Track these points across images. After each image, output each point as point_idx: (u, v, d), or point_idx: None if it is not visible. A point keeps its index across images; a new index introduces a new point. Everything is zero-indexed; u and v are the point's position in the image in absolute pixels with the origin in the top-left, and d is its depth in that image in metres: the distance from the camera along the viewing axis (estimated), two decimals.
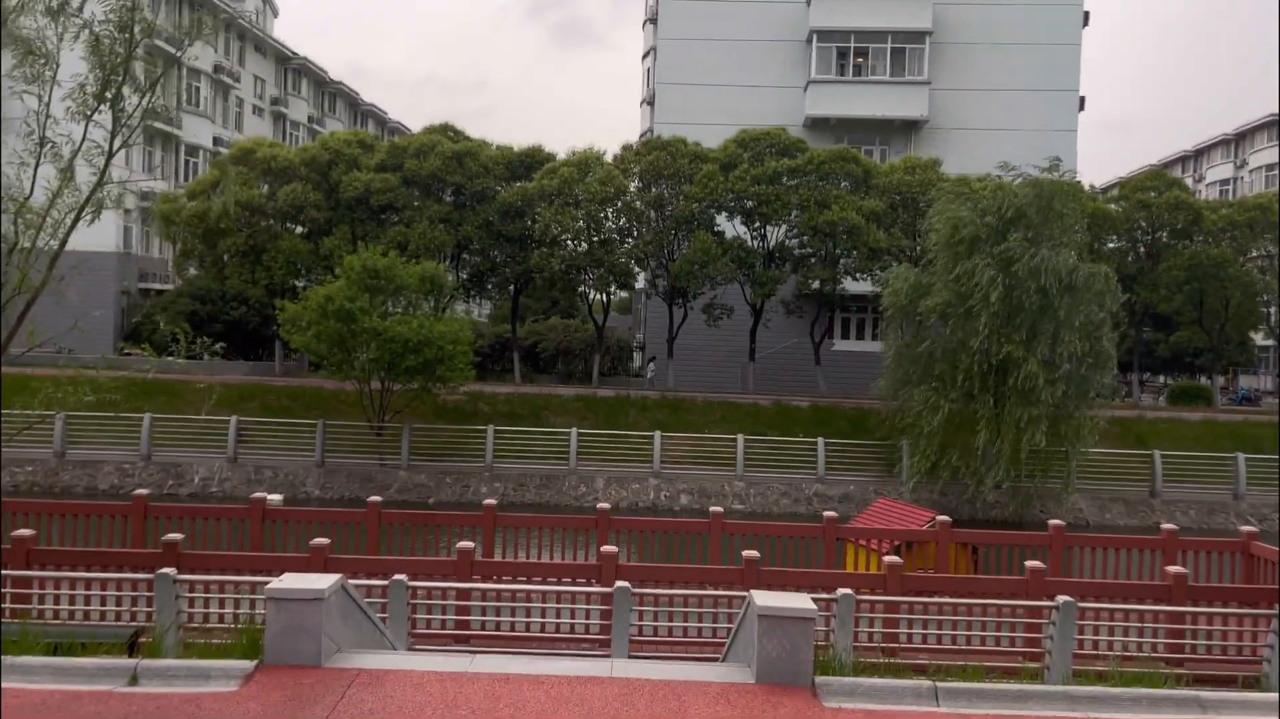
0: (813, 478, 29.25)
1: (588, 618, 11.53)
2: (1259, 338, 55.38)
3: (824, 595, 10.51)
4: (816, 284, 35.35)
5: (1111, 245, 37.51)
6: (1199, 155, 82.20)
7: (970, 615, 11.08)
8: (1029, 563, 12.17)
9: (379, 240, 32.65)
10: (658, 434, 29.73)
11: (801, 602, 7.75)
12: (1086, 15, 43.04)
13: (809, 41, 42.23)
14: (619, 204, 35.13)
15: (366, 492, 25.85)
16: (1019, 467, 26.50)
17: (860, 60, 42.73)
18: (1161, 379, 58.26)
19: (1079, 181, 32.73)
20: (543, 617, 11.53)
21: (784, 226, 34.80)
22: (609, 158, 36.23)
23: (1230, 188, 74.99)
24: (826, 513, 15.79)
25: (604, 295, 40.12)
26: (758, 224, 34.94)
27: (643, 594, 10.84)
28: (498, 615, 11.49)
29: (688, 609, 11.22)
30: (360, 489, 27.59)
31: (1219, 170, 78.14)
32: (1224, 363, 44.98)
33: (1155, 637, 11.38)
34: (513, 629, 11.53)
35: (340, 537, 14.63)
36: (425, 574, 11.73)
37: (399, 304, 29.10)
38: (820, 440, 29.53)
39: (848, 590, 10.43)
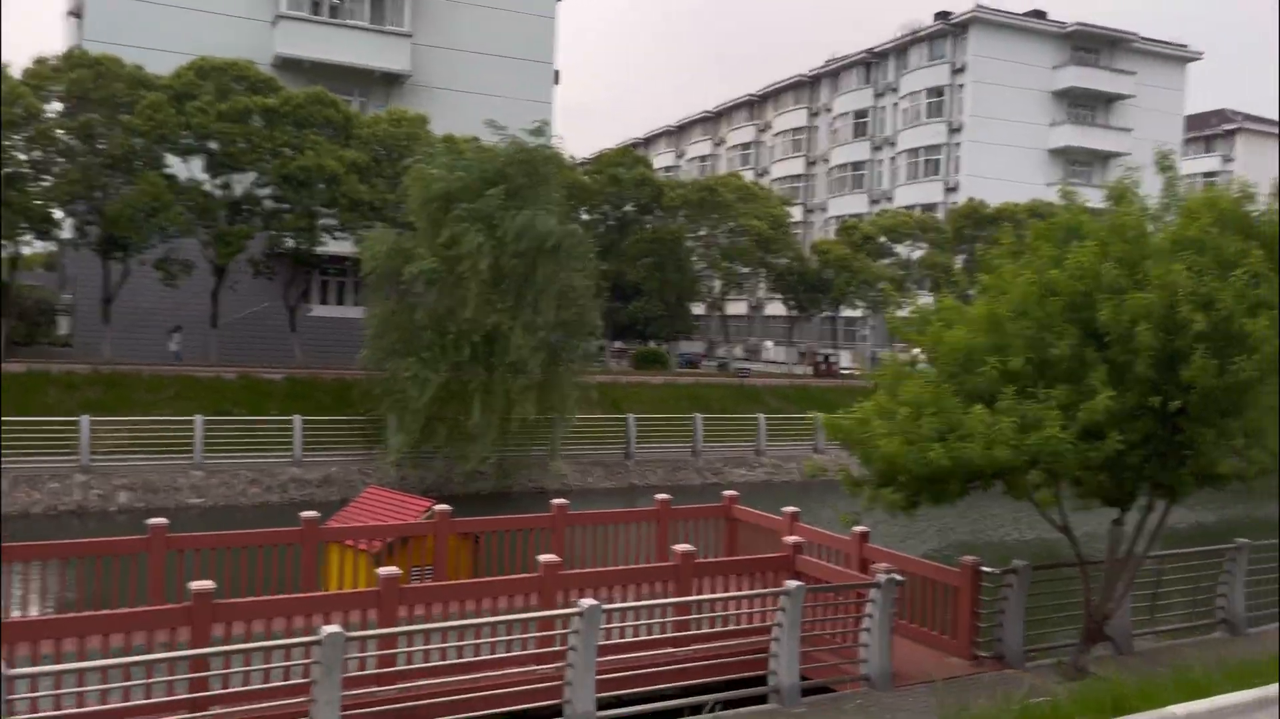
0: (289, 461, 25.89)
1: None
2: (696, 308, 62.65)
3: (304, 639, 8.04)
4: (291, 241, 31.60)
5: (586, 217, 38.99)
6: (680, 131, 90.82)
7: (479, 638, 9.35)
8: (543, 557, 10.80)
9: None
10: (85, 418, 24.05)
11: None
12: None
13: None
14: (30, 130, 27.97)
15: None
16: (508, 438, 25.88)
17: (338, 1, 39.27)
18: (619, 344, 63.49)
19: (558, 150, 33.16)
20: None
21: (254, 174, 30.38)
22: (16, 72, 28.64)
23: (709, 163, 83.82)
24: (305, 513, 13.06)
25: (13, 245, 32.07)
26: (222, 169, 30.09)
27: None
28: None
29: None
30: None
31: (698, 147, 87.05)
32: (673, 330, 49.71)
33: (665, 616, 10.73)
34: None
35: None
36: None
37: None
38: (297, 418, 26.23)
39: (335, 628, 8.05)
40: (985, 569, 11.40)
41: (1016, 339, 10.42)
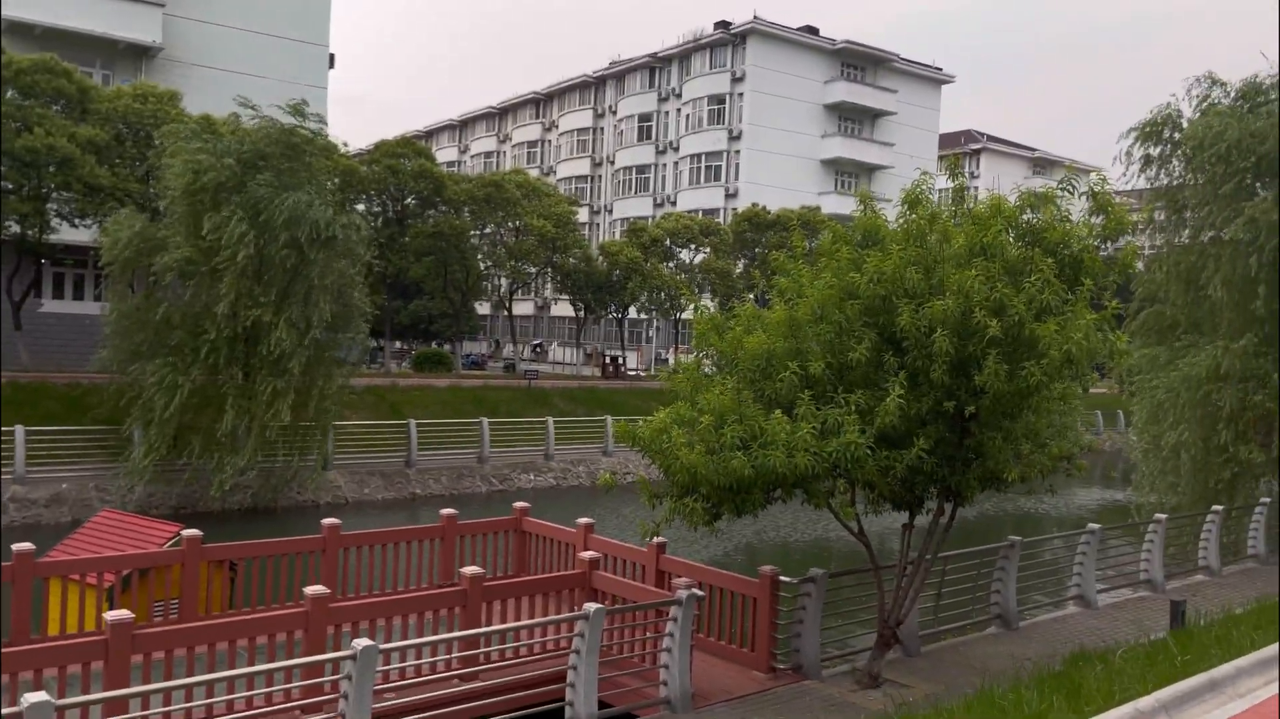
0: (9, 477, 22.53)
1: None
2: (481, 308, 61.15)
3: None
4: (16, 227, 27.71)
5: (363, 208, 36.80)
6: (464, 126, 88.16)
7: (232, 692, 8.00)
8: (310, 589, 9.50)
9: None
10: None
11: None
12: None
13: None
14: None
15: None
16: (269, 448, 23.70)
17: None
18: (399, 345, 60.91)
19: (329, 136, 30.98)
20: None
21: None
22: None
23: (494, 160, 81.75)
24: (17, 546, 10.99)
25: None
26: None
27: None
28: None
29: None
30: None
31: (482, 143, 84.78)
32: (458, 330, 48.13)
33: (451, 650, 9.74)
34: None
35: None
36: None
37: None
38: (19, 428, 22.87)
39: (40, 697, 6.52)
40: (784, 579, 11.13)
41: (816, 343, 10.19)
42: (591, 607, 9.21)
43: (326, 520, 12.94)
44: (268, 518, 23.75)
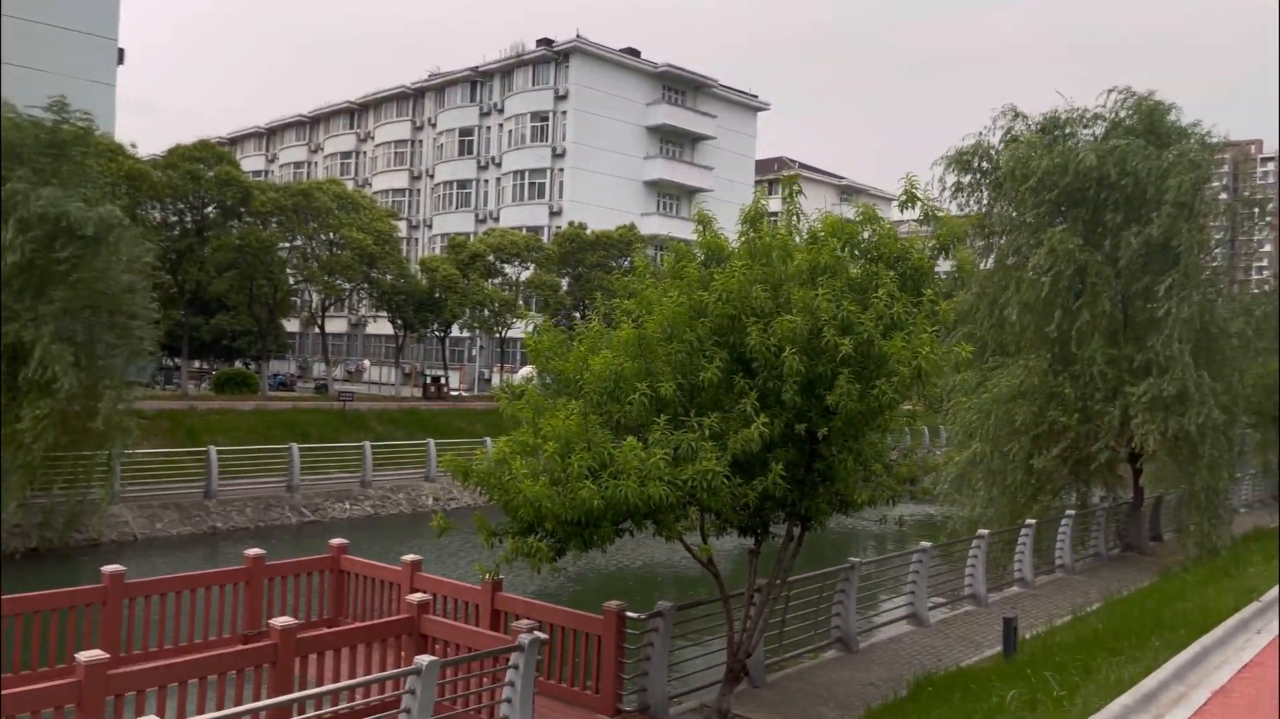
0: None
1: None
2: (290, 324, 57.82)
3: None
4: None
5: (159, 215, 33.82)
6: (272, 135, 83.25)
7: None
8: (84, 655, 8.03)
9: None
10: None
11: None
12: None
13: None
14: None
15: None
16: (51, 480, 21.03)
17: None
18: (198, 364, 56.65)
19: (111, 137, 28.27)
20: None
21: None
22: None
23: (305, 170, 77.45)
24: None
25: None
26: None
27: None
28: None
29: None
30: None
31: (292, 152, 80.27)
32: (264, 349, 45.12)
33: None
34: None
35: None
36: None
37: None
38: None
39: None
40: (630, 614, 10.48)
41: (666, 364, 9.65)
42: (424, 659, 8.23)
43: (108, 568, 11.26)
44: (43, 563, 21.03)
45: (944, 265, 10.76)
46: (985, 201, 23.04)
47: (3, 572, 19.43)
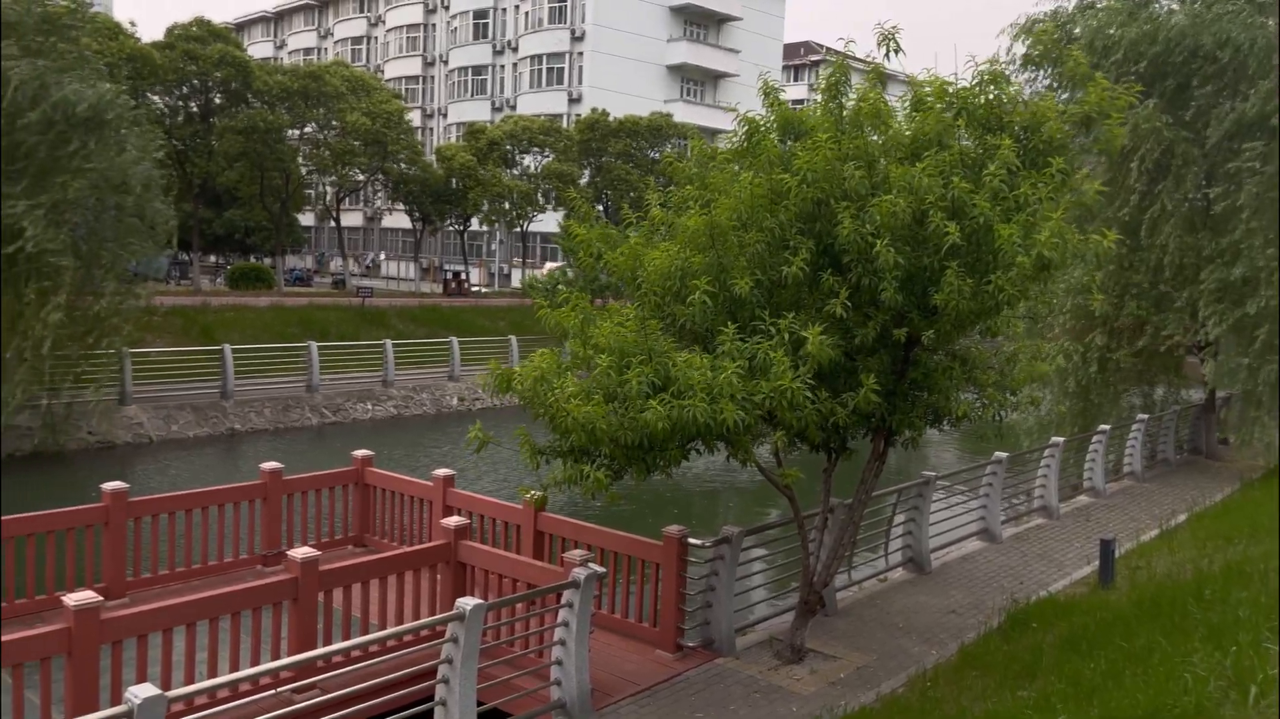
0: None
1: None
2: (305, 218, 56.22)
3: None
4: None
5: (160, 101, 31.96)
6: (280, 19, 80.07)
7: None
8: (72, 598, 6.90)
9: None
10: None
11: None
12: None
13: None
14: None
15: None
16: (56, 379, 19.96)
17: None
18: (214, 259, 55.35)
19: (108, 14, 26.28)
20: None
21: None
22: None
23: (314, 57, 74.55)
24: None
25: None
26: None
27: None
28: None
29: None
30: None
31: (301, 38, 77.25)
32: (279, 243, 43.71)
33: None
34: None
35: None
36: None
37: None
38: None
39: None
40: (691, 541, 9.28)
41: (742, 257, 8.18)
42: (467, 603, 7.05)
43: (109, 485, 10.13)
44: (53, 466, 20.16)
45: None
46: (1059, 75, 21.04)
47: (10, 476, 18.57)
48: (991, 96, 8.43)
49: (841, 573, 11.04)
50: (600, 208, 44.56)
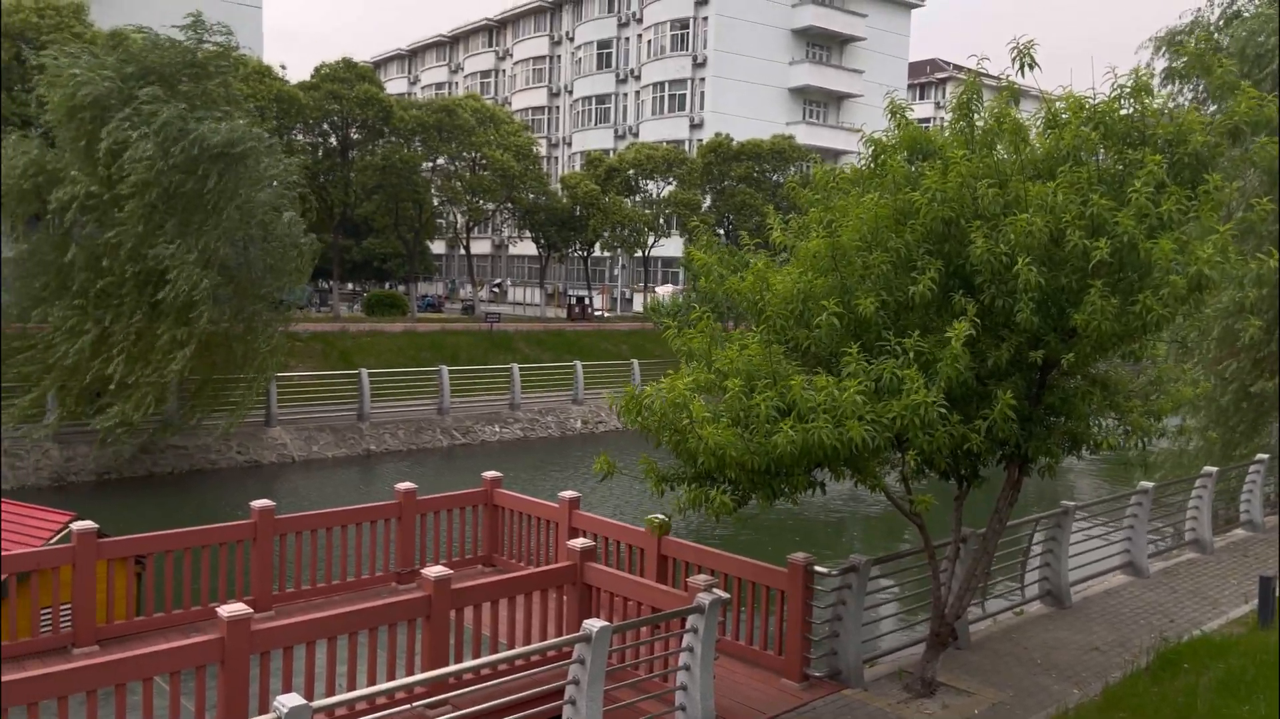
0: None
1: None
2: (436, 247, 58.22)
3: None
4: None
5: (303, 139, 33.78)
6: (414, 56, 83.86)
7: None
8: (226, 609, 7.30)
9: None
10: None
11: None
12: None
13: None
14: None
15: None
16: (207, 402, 21.22)
17: None
18: (351, 287, 57.87)
19: (257, 57, 27.92)
20: None
21: None
22: None
23: (446, 91, 77.75)
24: None
25: None
26: None
27: None
28: None
29: None
30: None
31: (433, 73, 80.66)
32: (412, 271, 45.42)
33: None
34: None
35: None
36: None
37: None
38: None
39: None
40: (818, 569, 9.14)
41: (866, 278, 8.05)
42: (594, 625, 7.13)
43: (257, 503, 10.70)
44: (201, 482, 21.41)
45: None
46: (1202, 90, 20.01)
47: (162, 492, 19.78)
48: (1133, 109, 8.07)
49: (975, 605, 10.66)
50: (721, 232, 44.57)
